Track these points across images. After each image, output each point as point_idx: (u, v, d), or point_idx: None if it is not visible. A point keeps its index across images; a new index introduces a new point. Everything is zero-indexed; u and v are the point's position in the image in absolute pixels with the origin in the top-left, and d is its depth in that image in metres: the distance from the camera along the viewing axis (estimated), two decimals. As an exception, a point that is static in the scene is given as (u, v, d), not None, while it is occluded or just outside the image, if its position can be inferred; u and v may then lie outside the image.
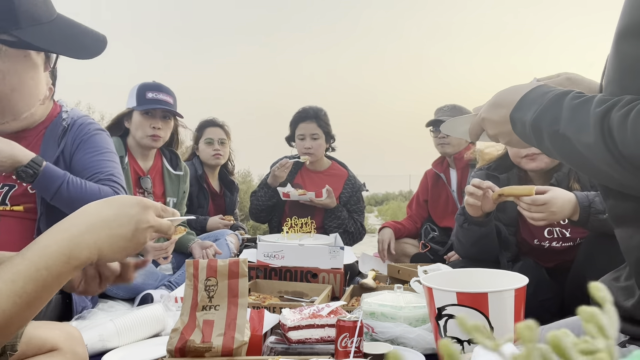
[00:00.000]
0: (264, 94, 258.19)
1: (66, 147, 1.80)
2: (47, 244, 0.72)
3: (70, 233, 0.74)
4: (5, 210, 1.72)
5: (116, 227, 0.77)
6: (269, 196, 3.09)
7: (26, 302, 0.68)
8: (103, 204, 0.80)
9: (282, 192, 2.96)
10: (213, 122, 3.30)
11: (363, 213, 3.22)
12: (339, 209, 3.01)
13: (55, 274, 0.70)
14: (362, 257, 2.93)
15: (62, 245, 0.72)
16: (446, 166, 3.05)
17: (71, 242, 0.73)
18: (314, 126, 3.07)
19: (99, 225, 0.76)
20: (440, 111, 3.00)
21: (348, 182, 3.16)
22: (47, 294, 0.71)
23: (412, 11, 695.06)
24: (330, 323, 1.38)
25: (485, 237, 1.88)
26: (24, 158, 1.61)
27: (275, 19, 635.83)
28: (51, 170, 1.66)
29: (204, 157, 3.23)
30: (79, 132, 1.83)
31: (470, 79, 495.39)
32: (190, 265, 1.37)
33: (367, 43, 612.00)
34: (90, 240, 0.74)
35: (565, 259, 1.85)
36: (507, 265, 1.90)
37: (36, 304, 0.70)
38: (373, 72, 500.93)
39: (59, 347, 1.07)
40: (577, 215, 1.60)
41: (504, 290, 1.20)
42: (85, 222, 0.75)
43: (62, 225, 0.75)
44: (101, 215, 0.77)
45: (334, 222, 3.00)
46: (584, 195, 1.61)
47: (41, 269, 0.69)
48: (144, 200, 0.82)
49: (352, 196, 3.14)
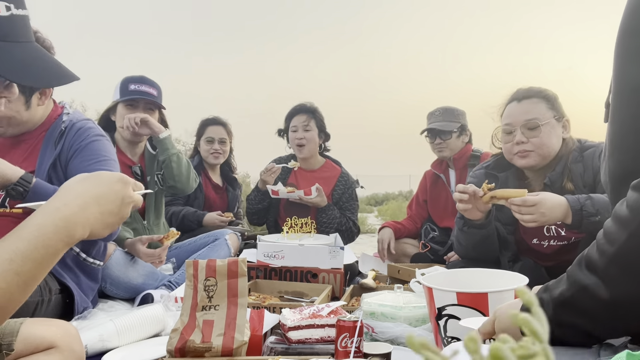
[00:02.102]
0: (263, 95, 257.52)
1: (62, 152, 1.76)
2: (42, 223, 0.74)
3: (64, 212, 0.76)
4: (5, 212, 1.72)
5: (105, 203, 0.82)
6: (258, 199, 3.09)
7: (23, 281, 0.70)
8: (91, 181, 0.83)
9: (272, 190, 2.95)
10: (214, 120, 3.31)
11: (356, 211, 3.17)
12: (330, 208, 2.99)
13: (52, 252, 0.74)
14: (362, 257, 2.93)
15: (58, 224, 0.75)
16: (445, 167, 3.05)
17: (66, 221, 0.76)
18: (307, 118, 3.07)
19: (90, 204, 0.80)
20: (432, 116, 2.99)
21: (340, 179, 3.13)
22: (43, 271, 0.74)
23: (412, 11, 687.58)
24: (330, 323, 1.38)
25: (486, 239, 1.88)
26: (12, 176, 1.57)
27: (276, 19, 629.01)
28: (41, 187, 1.62)
29: (204, 154, 3.26)
30: (77, 138, 1.78)
31: (470, 79, 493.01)
32: (190, 265, 1.37)
33: (367, 43, 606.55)
34: (83, 218, 0.78)
35: (564, 259, 1.85)
36: (507, 265, 1.90)
37: (32, 282, 0.73)
38: (373, 72, 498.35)
39: (56, 345, 1.07)
40: (569, 218, 1.61)
41: (504, 290, 1.20)
42: (77, 201, 0.79)
43: (54, 204, 0.78)
44: (91, 193, 0.81)
45: (326, 221, 2.98)
46: (575, 198, 1.62)
47: (39, 248, 0.72)
48: (125, 177, 0.87)
49: (344, 193, 3.11)
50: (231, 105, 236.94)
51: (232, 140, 3.36)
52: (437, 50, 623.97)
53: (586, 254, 0.84)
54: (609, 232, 0.79)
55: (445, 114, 2.94)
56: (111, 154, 1.86)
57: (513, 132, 1.85)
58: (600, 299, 0.78)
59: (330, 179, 3.13)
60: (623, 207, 0.78)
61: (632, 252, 0.76)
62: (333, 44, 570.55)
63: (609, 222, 0.81)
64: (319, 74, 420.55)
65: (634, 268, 0.76)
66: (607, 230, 0.80)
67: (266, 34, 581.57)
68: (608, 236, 0.79)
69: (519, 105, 1.86)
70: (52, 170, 1.73)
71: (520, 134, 1.83)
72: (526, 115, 1.83)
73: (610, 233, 0.79)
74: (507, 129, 1.88)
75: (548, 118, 1.82)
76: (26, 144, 1.77)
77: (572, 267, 0.86)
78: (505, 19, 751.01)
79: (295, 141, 3.07)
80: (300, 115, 3.09)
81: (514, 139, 1.84)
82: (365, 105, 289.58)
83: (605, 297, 0.77)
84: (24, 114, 1.73)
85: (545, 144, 1.82)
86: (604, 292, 0.78)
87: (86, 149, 1.78)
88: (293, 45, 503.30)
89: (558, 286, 0.88)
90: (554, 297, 0.87)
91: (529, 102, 1.85)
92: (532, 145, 1.82)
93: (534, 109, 1.83)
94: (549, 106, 1.84)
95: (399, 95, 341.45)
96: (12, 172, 1.58)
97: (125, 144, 2.58)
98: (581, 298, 0.80)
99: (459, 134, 2.93)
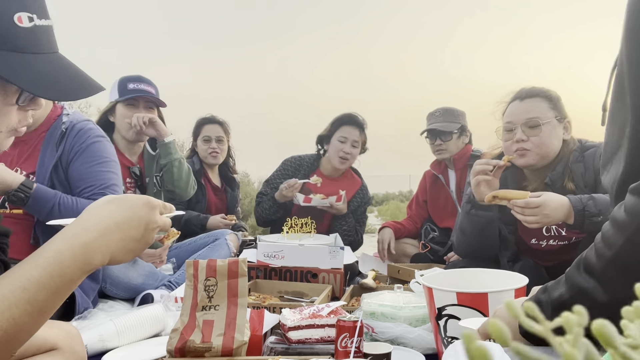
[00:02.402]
0: (262, 95, 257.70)
1: (64, 154, 1.76)
2: (59, 250, 0.70)
3: (83, 238, 0.72)
4: (6, 213, 1.72)
5: (127, 229, 0.77)
6: (274, 210, 3.01)
7: (37, 310, 0.67)
8: (114, 205, 0.78)
9: (304, 198, 2.88)
10: (211, 119, 3.29)
11: (364, 225, 3.20)
12: (348, 216, 3.00)
13: (68, 280, 0.70)
14: (362, 257, 2.93)
15: (75, 252, 0.71)
16: (444, 167, 3.05)
17: (85, 248, 0.72)
18: (359, 134, 2.97)
19: (111, 229, 0.75)
20: (432, 117, 2.98)
21: (360, 192, 3.13)
22: (58, 300, 0.70)
23: (414, 11, 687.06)
24: (330, 323, 1.38)
25: (490, 225, 1.88)
26: (13, 182, 1.57)
27: (275, 19, 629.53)
28: (42, 193, 1.62)
29: (202, 154, 3.23)
30: (77, 139, 1.78)
31: (471, 79, 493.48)
32: (190, 265, 1.37)
33: (367, 43, 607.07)
34: (103, 245, 0.74)
35: (564, 259, 1.85)
36: (507, 265, 1.90)
37: (47, 311, 0.69)
38: (373, 72, 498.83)
39: (58, 347, 1.07)
40: (571, 218, 1.61)
41: (504, 290, 1.20)
42: (97, 227, 0.74)
43: (73, 229, 0.74)
44: (113, 218, 0.76)
45: (341, 228, 2.96)
46: (577, 198, 1.62)
47: (55, 276, 0.68)
48: (152, 200, 0.82)
49: (360, 206, 3.12)
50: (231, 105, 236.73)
51: (229, 139, 3.33)
52: (437, 50, 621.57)
53: (584, 257, 0.84)
54: (607, 237, 0.80)
55: (446, 115, 2.94)
56: (112, 155, 1.86)
57: (514, 130, 1.85)
58: (599, 302, 0.78)
59: (351, 188, 3.11)
60: (621, 211, 0.78)
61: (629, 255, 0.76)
62: (332, 44, 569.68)
63: (607, 225, 0.81)
64: (319, 74, 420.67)
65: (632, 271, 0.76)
66: (605, 235, 0.80)
67: (265, 33, 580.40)
68: (606, 240, 0.80)
69: (521, 104, 1.86)
70: (54, 172, 1.73)
71: (520, 132, 1.83)
72: (528, 114, 1.83)
73: (608, 237, 0.79)
74: (508, 127, 1.88)
75: (549, 118, 1.82)
76: (26, 144, 1.77)
77: (571, 269, 0.87)
78: (505, 18, 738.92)
79: (340, 153, 2.96)
80: (353, 128, 2.98)
81: (514, 137, 1.84)
82: (365, 105, 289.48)
83: (603, 301, 0.78)
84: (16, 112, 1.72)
85: (545, 143, 1.82)
86: (602, 295, 0.78)
87: (87, 151, 1.77)
88: (292, 44, 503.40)
89: (557, 288, 0.88)
90: (553, 299, 0.87)
91: (531, 102, 1.85)
92: (531, 143, 1.82)
93: (535, 108, 1.83)
94: (551, 106, 1.84)
95: (398, 95, 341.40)
96: (13, 178, 1.58)
97: (124, 144, 2.57)
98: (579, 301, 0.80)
99: (459, 134, 2.92)
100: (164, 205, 0.86)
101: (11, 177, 1.58)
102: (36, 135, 1.78)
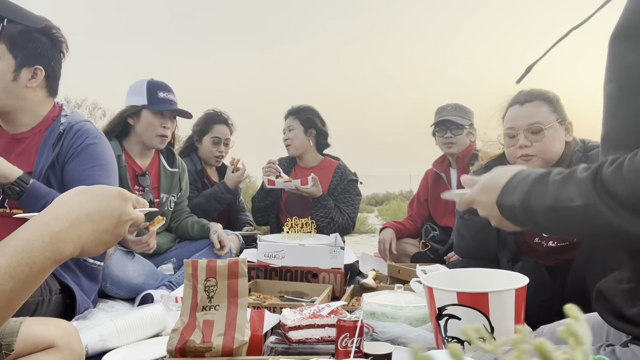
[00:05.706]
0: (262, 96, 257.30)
1: (60, 154, 1.74)
2: (28, 239, 0.67)
3: (53, 228, 0.70)
4: (5, 212, 1.72)
5: (99, 220, 0.75)
6: (262, 197, 3.17)
7: (4, 301, 0.64)
8: (86, 196, 0.76)
9: (267, 180, 2.98)
10: (221, 118, 3.18)
11: (353, 206, 3.14)
12: (325, 198, 3.01)
13: (37, 270, 0.67)
14: (363, 257, 2.93)
15: (45, 241, 0.68)
16: (446, 166, 3.05)
17: (55, 238, 0.69)
18: (290, 119, 3.18)
19: (83, 220, 0.73)
20: (444, 110, 2.97)
21: (337, 171, 3.16)
22: (26, 290, 0.67)
23: (414, 10, 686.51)
24: (330, 323, 1.38)
25: (485, 228, 1.88)
26: (11, 175, 1.57)
27: (275, 19, 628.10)
28: (37, 189, 1.62)
29: (206, 154, 3.16)
30: (74, 141, 1.76)
31: (471, 79, 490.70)
32: (188, 265, 1.36)
33: (368, 42, 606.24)
34: (74, 235, 0.71)
35: (564, 258, 1.85)
36: (507, 265, 1.90)
37: (14, 302, 0.66)
38: (373, 72, 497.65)
39: (56, 344, 1.07)
40: None
41: (504, 290, 1.20)
42: (68, 216, 0.72)
43: (43, 217, 0.71)
44: (85, 209, 0.74)
45: (320, 212, 2.98)
46: None
47: (22, 266, 0.65)
48: (124, 192, 0.80)
49: (339, 184, 3.12)
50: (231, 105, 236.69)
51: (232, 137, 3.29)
52: (438, 49, 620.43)
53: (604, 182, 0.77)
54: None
55: (458, 110, 2.93)
56: (108, 158, 1.82)
57: (516, 136, 1.84)
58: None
59: (328, 171, 3.17)
60: None
61: None
62: (333, 43, 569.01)
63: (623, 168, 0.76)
64: (319, 74, 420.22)
65: None
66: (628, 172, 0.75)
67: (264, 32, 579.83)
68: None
69: (521, 109, 1.85)
70: (51, 171, 1.72)
71: (523, 138, 1.81)
72: (529, 119, 1.81)
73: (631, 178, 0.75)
74: (510, 132, 1.86)
75: (551, 121, 1.81)
76: (24, 143, 1.77)
77: (585, 181, 0.80)
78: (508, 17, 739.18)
79: (285, 143, 3.20)
80: (287, 119, 3.22)
81: (517, 143, 1.83)
82: (365, 105, 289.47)
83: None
84: (9, 84, 1.68)
85: (549, 148, 1.80)
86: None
87: (82, 153, 1.75)
88: (291, 43, 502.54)
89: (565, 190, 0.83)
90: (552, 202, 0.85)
91: (532, 106, 1.83)
92: (535, 149, 1.80)
93: (537, 112, 1.82)
94: (551, 109, 1.83)
95: (399, 94, 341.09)
96: (11, 171, 1.58)
97: (139, 150, 2.54)
98: (592, 216, 0.79)
99: (469, 131, 2.92)
100: (137, 199, 0.83)
101: (9, 170, 1.58)
102: (34, 134, 1.78)
